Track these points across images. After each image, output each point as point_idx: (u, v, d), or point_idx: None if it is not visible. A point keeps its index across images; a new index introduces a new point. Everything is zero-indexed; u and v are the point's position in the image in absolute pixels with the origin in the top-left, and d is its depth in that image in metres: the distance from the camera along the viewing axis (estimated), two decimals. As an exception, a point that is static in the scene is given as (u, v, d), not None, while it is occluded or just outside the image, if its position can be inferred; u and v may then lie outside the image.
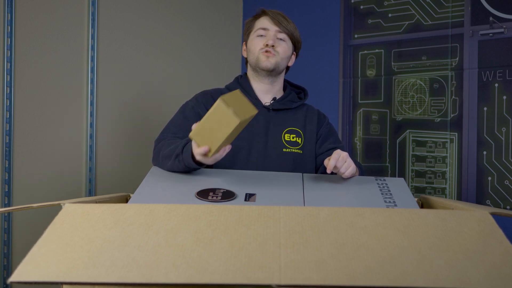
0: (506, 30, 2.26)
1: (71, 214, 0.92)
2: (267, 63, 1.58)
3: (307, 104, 1.73)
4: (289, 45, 1.63)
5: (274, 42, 1.58)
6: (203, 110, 1.56)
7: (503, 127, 2.26)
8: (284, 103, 1.64)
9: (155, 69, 2.48)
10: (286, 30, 1.60)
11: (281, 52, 1.60)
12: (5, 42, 1.89)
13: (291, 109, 1.66)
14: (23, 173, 1.97)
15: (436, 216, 0.93)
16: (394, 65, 2.54)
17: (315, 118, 1.68)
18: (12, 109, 1.92)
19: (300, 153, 1.59)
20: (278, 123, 1.61)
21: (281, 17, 1.61)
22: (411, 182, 2.49)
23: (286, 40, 1.61)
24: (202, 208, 0.94)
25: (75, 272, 0.77)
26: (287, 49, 1.62)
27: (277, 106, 1.63)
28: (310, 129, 1.64)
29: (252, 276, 0.76)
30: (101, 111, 2.21)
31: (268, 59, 1.58)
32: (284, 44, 1.61)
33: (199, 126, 1.22)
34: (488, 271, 0.77)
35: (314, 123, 1.66)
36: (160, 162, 1.41)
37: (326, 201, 1.24)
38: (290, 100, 1.67)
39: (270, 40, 1.58)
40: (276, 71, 1.61)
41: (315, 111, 1.71)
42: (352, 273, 0.76)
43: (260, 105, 1.62)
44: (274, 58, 1.58)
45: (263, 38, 1.60)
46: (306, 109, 1.70)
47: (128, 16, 2.36)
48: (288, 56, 1.63)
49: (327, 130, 1.67)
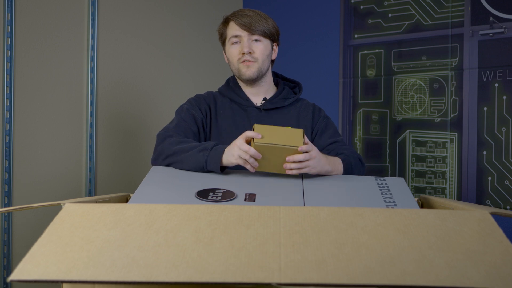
0: (506, 30, 2.26)
1: (71, 214, 0.92)
2: (249, 73, 1.56)
3: (302, 99, 1.70)
4: (266, 43, 1.58)
5: (249, 49, 1.54)
6: (197, 112, 1.56)
7: (503, 127, 2.26)
8: (275, 102, 1.62)
9: (155, 69, 2.49)
10: (257, 31, 1.55)
11: (259, 55, 1.56)
12: (5, 42, 1.89)
13: (284, 107, 1.63)
14: (23, 173, 1.97)
15: (436, 216, 0.93)
16: (394, 65, 2.54)
17: (310, 113, 1.65)
18: (12, 109, 1.92)
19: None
20: (271, 123, 1.58)
21: (249, 18, 1.55)
22: (411, 182, 2.49)
23: (261, 40, 1.57)
24: (202, 208, 0.94)
25: (75, 272, 0.77)
26: (265, 49, 1.57)
27: (268, 106, 1.61)
28: (304, 125, 1.62)
29: (252, 275, 0.76)
30: (101, 111, 2.21)
31: (249, 68, 1.56)
32: (261, 45, 1.56)
33: (270, 127, 1.30)
34: (488, 271, 0.77)
35: (309, 118, 1.63)
36: (169, 154, 1.40)
37: (326, 201, 1.24)
38: (283, 97, 1.64)
39: (245, 48, 1.54)
40: (260, 76, 1.59)
41: (310, 106, 1.68)
42: (352, 273, 0.76)
43: (252, 106, 1.61)
44: (254, 66, 1.56)
45: (238, 45, 1.57)
46: (301, 104, 1.67)
47: (128, 16, 2.36)
48: (268, 54, 1.59)
49: (323, 125, 1.64)
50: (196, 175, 1.34)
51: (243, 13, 1.57)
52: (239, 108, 1.61)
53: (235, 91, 1.63)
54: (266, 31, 1.56)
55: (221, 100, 1.63)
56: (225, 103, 1.62)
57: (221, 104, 1.62)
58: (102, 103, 2.23)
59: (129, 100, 2.36)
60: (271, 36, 1.59)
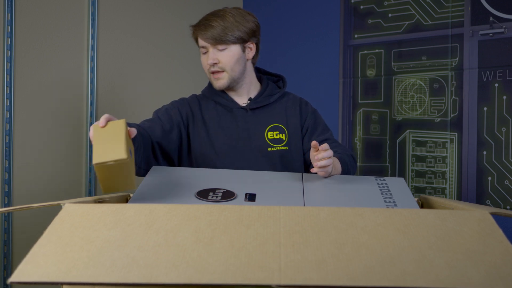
0: (506, 30, 2.26)
1: (71, 214, 0.92)
2: (218, 85, 1.54)
3: (287, 93, 1.66)
4: (234, 48, 1.51)
5: (214, 60, 1.50)
6: (175, 114, 1.53)
7: (503, 127, 2.26)
8: (261, 100, 1.59)
9: (155, 69, 2.49)
10: (221, 40, 1.49)
11: (226, 64, 1.51)
12: (5, 42, 1.89)
13: (270, 104, 1.60)
14: (23, 173, 1.97)
15: (436, 216, 0.93)
16: (394, 65, 2.55)
17: (297, 109, 1.62)
18: (12, 109, 1.92)
19: (286, 150, 1.55)
20: (259, 123, 1.57)
21: (212, 30, 1.49)
22: (411, 182, 2.49)
23: (228, 46, 1.50)
24: (202, 208, 0.94)
25: (75, 272, 0.77)
26: (232, 56, 1.51)
27: (254, 105, 1.58)
28: (293, 122, 1.59)
29: (252, 276, 0.76)
30: (101, 111, 2.21)
31: (218, 80, 1.53)
32: (227, 53, 1.51)
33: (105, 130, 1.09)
34: (488, 271, 0.77)
35: (297, 115, 1.61)
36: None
37: (326, 201, 1.24)
38: (268, 94, 1.61)
39: (210, 60, 1.50)
40: (234, 82, 1.55)
41: (297, 100, 1.64)
42: (352, 273, 0.76)
43: (237, 107, 1.57)
44: (224, 77, 1.53)
45: (207, 55, 1.53)
46: (287, 99, 1.64)
47: (128, 16, 2.36)
48: (238, 59, 1.52)
49: (312, 121, 1.61)
50: (196, 175, 1.34)
51: (207, 24, 1.51)
52: (225, 110, 1.58)
53: (218, 94, 1.59)
54: (231, 39, 1.50)
55: (205, 102, 1.60)
56: (210, 105, 1.59)
57: (206, 107, 1.58)
58: (102, 103, 2.23)
59: (129, 100, 2.36)
60: (240, 39, 1.51)
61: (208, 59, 1.51)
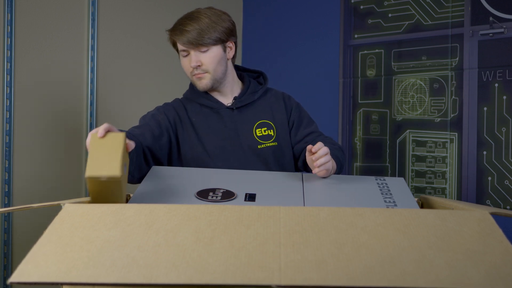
0: (506, 30, 2.26)
1: (71, 214, 0.92)
2: (202, 85, 1.53)
3: (270, 89, 1.67)
4: (215, 49, 1.51)
5: (197, 62, 1.50)
6: (163, 119, 1.52)
7: (503, 127, 2.26)
8: (245, 99, 1.59)
9: (155, 69, 2.49)
10: (202, 42, 1.48)
11: (209, 65, 1.51)
12: (5, 42, 1.89)
13: (255, 101, 1.60)
14: (23, 173, 1.97)
15: (436, 216, 0.93)
16: (394, 65, 2.55)
17: (282, 104, 1.62)
18: (12, 109, 1.92)
19: (276, 145, 1.56)
20: (246, 121, 1.57)
21: (189, 35, 1.48)
22: (411, 182, 2.49)
23: (208, 48, 1.50)
24: (202, 208, 0.94)
25: (75, 272, 0.77)
26: (214, 57, 1.51)
27: (239, 104, 1.57)
28: (279, 117, 1.60)
29: (252, 276, 0.76)
30: (101, 111, 2.21)
31: (200, 80, 1.53)
32: (209, 55, 1.50)
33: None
34: (488, 271, 0.77)
35: (282, 109, 1.61)
36: None
37: (326, 201, 1.24)
38: (252, 91, 1.61)
39: (193, 62, 1.50)
40: (217, 82, 1.55)
41: (279, 95, 1.65)
42: (352, 273, 0.76)
43: (223, 107, 1.57)
44: (207, 77, 1.52)
45: (188, 57, 1.52)
46: (270, 95, 1.64)
47: (128, 16, 2.36)
48: (220, 59, 1.52)
49: (297, 115, 1.62)
50: (196, 175, 1.34)
51: (181, 29, 1.50)
52: (211, 111, 1.57)
53: (202, 95, 1.58)
54: (212, 41, 1.49)
55: (190, 105, 1.59)
56: (196, 108, 1.58)
57: (192, 110, 1.58)
58: (102, 103, 2.23)
59: (129, 100, 2.36)
60: (219, 40, 1.51)
61: (191, 62, 1.51)
